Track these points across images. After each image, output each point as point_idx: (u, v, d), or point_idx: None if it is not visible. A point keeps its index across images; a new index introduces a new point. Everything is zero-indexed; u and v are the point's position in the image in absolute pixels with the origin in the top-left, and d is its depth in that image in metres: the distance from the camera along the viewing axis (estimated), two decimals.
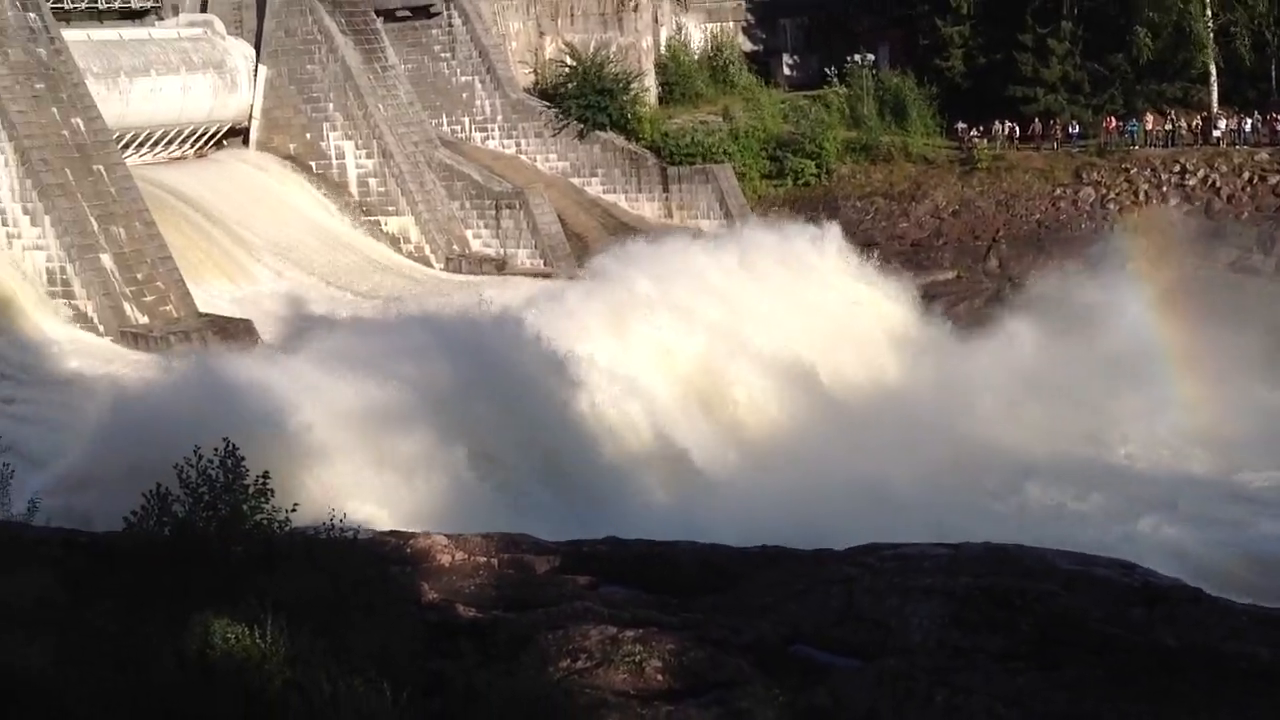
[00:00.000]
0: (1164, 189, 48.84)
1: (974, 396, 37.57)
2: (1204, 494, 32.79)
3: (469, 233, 51.38)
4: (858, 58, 55.70)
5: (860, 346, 41.75)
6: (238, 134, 51.98)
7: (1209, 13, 51.40)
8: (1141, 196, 48.92)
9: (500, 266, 49.76)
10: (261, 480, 11.72)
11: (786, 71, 62.50)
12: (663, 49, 59.50)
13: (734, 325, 38.90)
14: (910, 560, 12.42)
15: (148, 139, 47.71)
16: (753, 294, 41.04)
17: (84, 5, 50.62)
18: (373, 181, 50.50)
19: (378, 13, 53.42)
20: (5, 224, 37.79)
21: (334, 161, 50.92)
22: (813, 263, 44.66)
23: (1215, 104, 52.15)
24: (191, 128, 49.70)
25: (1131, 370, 37.75)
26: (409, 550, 14.26)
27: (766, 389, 37.16)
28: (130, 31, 49.55)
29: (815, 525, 21.86)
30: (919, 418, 35.92)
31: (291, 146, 51.35)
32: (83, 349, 35.57)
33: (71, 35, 43.01)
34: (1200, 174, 48.79)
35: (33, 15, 39.72)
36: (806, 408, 36.92)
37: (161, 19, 52.47)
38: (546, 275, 48.12)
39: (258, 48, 51.38)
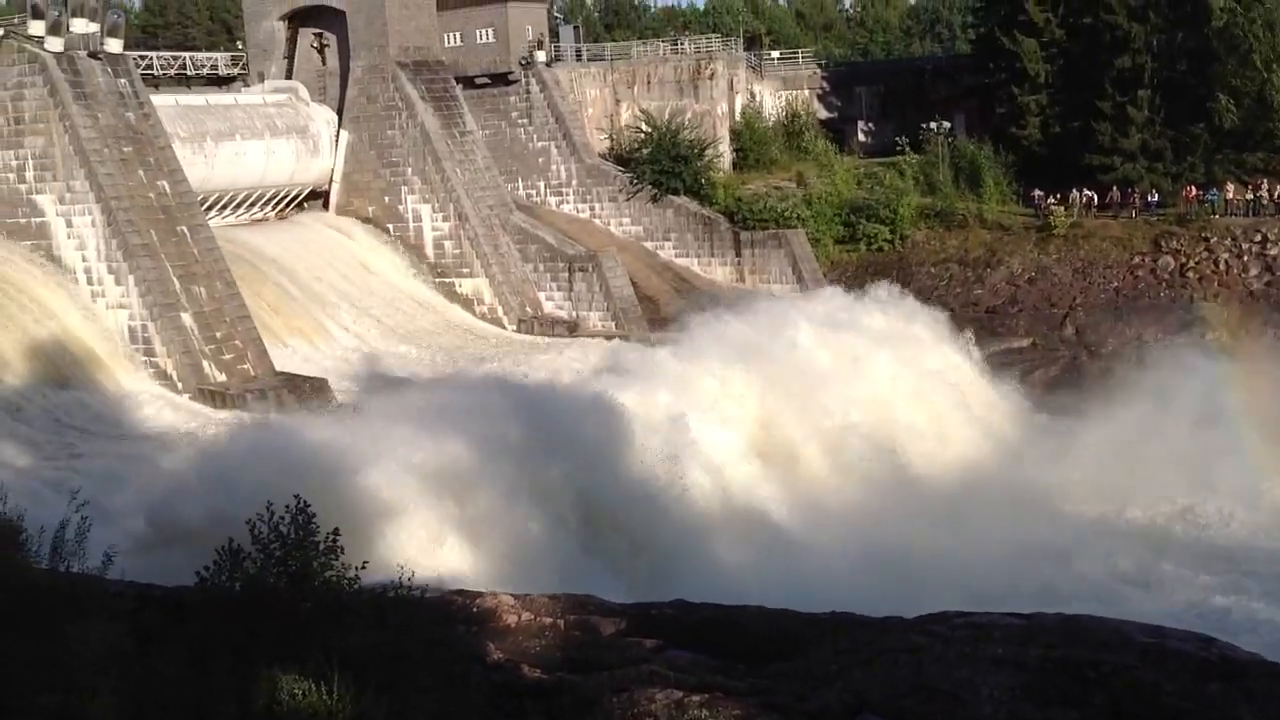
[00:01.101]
0: (1244, 259, 48.18)
1: (1050, 465, 37.05)
2: None
3: (542, 295, 51.83)
4: (933, 125, 55.73)
5: (937, 413, 41.32)
6: (318, 197, 52.99)
7: None
8: (1222, 266, 48.29)
9: (572, 328, 50.06)
10: (332, 537, 11.77)
11: (861, 138, 62.69)
12: (738, 115, 59.97)
13: (811, 390, 38.68)
14: (981, 630, 12.15)
15: (231, 201, 48.72)
16: (831, 359, 40.81)
17: (173, 72, 52.11)
18: (448, 244, 51.18)
19: (458, 80, 54.44)
20: (90, 282, 38.66)
21: (411, 224, 51.73)
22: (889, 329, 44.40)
23: None
24: (274, 190, 50.73)
25: (1213, 441, 37.02)
26: (475, 609, 14.25)
27: (841, 454, 36.89)
28: (217, 97, 50.85)
29: (886, 591, 21.56)
30: (995, 485, 35.45)
31: (370, 209, 52.27)
32: (161, 406, 36.15)
33: (160, 100, 44.13)
34: None
35: (123, 81, 40.80)
36: (882, 474, 36.58)
37: (248, 85, 53.81)
38: (618, 338, 48.32)
39: (340, 113, 52.48)
